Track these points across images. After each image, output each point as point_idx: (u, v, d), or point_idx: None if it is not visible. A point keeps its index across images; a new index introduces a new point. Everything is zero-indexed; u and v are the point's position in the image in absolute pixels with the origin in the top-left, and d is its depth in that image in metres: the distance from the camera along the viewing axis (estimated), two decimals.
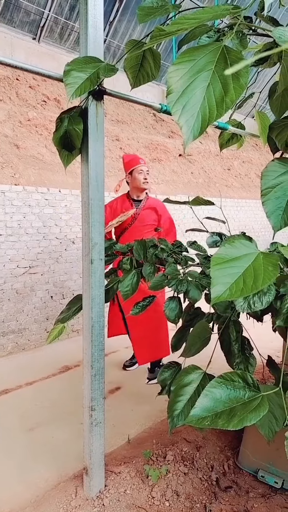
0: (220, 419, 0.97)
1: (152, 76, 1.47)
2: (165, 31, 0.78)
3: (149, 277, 1.81)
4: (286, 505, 1.77)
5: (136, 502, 1.72)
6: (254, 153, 8.51)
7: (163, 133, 6.34)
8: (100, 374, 1.65)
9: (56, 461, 2.06)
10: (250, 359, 1.54)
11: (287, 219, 0.93)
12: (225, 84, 0.70)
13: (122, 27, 5.61)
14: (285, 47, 0.45)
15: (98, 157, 1.52)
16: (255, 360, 1.54)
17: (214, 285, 0.85)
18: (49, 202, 3.81)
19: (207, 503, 1.77)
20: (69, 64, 1.26)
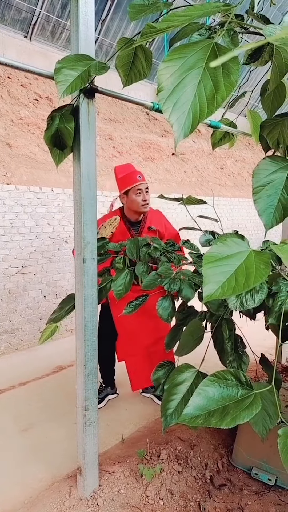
0: (213, 418, 0.97)
1: (144, 74, 1.47)
2: (156, 28, 0.78)
3: (142, 276, 1.81)
4: (279, 502, 1.77)
5: (130, 502, 1.72)
6: (247, 152, 8.54)
7: (156, 132, 6.34)
8: (93, 373, 1.65)
9: (50, 461, 2.05)
10: (243, 357, 1.54)
11: (279, 217, 0.94)
12: (216, 82, 0.70)
13: (114, 26, 5.59)
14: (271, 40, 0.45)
15: (90, 156, 1.52)
16: (248, 358, 1.55)
17: (206, 284, 0.84)
18: (42, 201, 3.79)
19: (201, 501, 1.77)
20: (60, 62, 1.25)
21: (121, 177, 2.45)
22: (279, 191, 0.95)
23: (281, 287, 1.18)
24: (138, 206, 2.40)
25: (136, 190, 2.38)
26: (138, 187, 2.38)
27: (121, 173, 2.45)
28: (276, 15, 7.06)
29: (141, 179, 2.40)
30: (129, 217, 2.50)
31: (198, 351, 1.50)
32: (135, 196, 2.38)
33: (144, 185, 2.41)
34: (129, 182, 2.40)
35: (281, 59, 0.97)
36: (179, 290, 1.71)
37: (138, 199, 2.39)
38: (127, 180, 2.41)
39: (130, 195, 2.40)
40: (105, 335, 2.55)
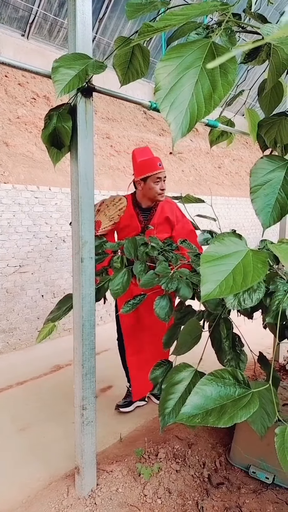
0: (210, 417, 0.97)
1: (142, 73, 1.47)
2: (153, 27, 0.77)
3: (140, 275, 1.80)
4: (277, 500, 1.78)
5: (128, 500, 1.72)
6: (244, 151, 8.55)
7: (153, 131, 6.33)
8: (91, 373, 1.64)
9: (48, 460, 2.05)
10: (241, 355, 1.54)
11: (276, 216, 0.94)
12: (213, 81, 0.70)
13: (112, 24, 5.57)
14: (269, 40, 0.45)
15: (88, 155, 1.51)
16: (246, 357, 1.55)
17: (204, 283, 0.84)
18: (39, 200, 3.79)
19: (199, 500, 1.78)
20: (57, 61, 1.25)
21: (140, 162, 2.29)
22: (276, 190, 0.95)
23: (278, 286, 1.19)
24: (155, 195, 2.30)
25: (155, 178, 2.27)
26: (158, 175, 2.27)
27: (140, 157, 2.30)
28: (273, 14, 7.07)
29: (161, 167, 2.28)
30: (140, 203, 2.39)
31: (196, 350, 1.50)
32: (154, 184, 2.27)
33: (163, 173, 2.30)
34: (149, 168, 2.26)
35: (278, 58, 0.97)
36: (176, 289, 1.71)
37: (156, 187, 2.28)
38: (147, 166, 2.27)
39: (148, 183, 2.28)
40: None
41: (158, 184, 2.28)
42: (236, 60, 0.70)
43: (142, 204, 2.38)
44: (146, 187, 2.29)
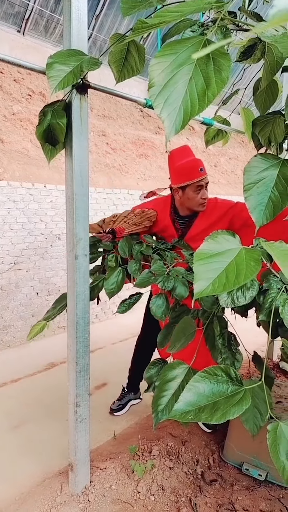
0: (203, 413, 0.97)
1: (137, 70, 1.46)
2: (148, 24, 0.77)
3: (135, 274, 1.80)
4: (269, 497, 1.79)
5: (121, 497, 1.72)
6: (240, 150, 8.56)
7: (150, 129, 6.33)
8: (85, 370, 1.64)
9: (42, 458, 2.05)
10: (237, 355, 1.55)
11: (269, 214, 0.94)
12: (207, 78, 0.70)
13: (108, 21, 5.55)
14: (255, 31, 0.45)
15: (83, 152, 1.51)
16: (241, 356, 1.56)
17: (197, 280, 0.85)
18: (34, 197, 3.77)
19: (192, 497, 1.78)
20: (52, 57, 1.24)
21: (179, 166, 1.93)
22: (269, 188, 0.95)
23: (271, 284, 1.19)
24: (196, 205, 1.96)
25: (196, 187, 1.92)
26: (199, 183, 1.91)
27: (179, 159, 1.93)
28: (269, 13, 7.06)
29: (203, 172, 1.92)
30: (178, 210, 2.07)
31: None
32: (194, 194, 1.93)
33: (206, 179, 1.94)
34: (189, 175, 1.90)
35: (273, 57, 0.98)
36: (172, 288, 1.71)
37: (197, 197, 1.93)
38: (186, 173, 1.91)
39: (187, 192, 1.93)
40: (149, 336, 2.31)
41: (199, 193, 1.93)
42: (230, 57, 0.70)
43: (180, 212, 2.07)
44: (184, 196, 1.96)
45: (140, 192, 5.13)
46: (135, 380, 2.58)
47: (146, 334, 2.44)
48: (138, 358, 2.52)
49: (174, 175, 1.98)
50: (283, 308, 1.08)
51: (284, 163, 0.98)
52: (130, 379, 2.59)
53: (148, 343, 2.42)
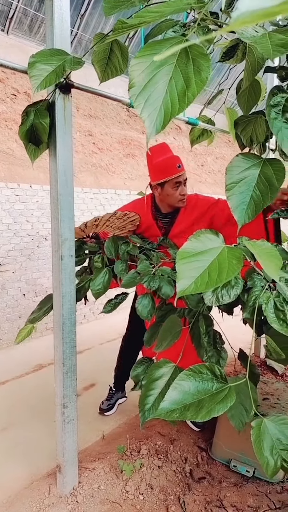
0: (188, 411, 0.98)
1: (121, 70, 1.47)
2: (128, 24, 0.78)
3: (121, 274, 1.80)
4: (257, 493, 1.81)
5: (110, 497, 1.72)
6: (227, 149, 8.62)
7: (136, 128, 6.33)
8: (72, 371, 1.64)
9: (29, 460, 2.04)
10: (222, 353, 1.56)
11: (251, 213, 0.95)
12: (187, 78, 0.70)
13: (93, 21, 5.53)
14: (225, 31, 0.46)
15: (67, 152, 1.50)
16: (226, 354, 1.57)
17: (179, 279, 0.85)
18: (20, 198, 3.74)
19: (181, 495, 1.79)
20: (34, 56, 1.23)
21: (156, 163, 1.94)
22: (251, 188, 0.96)
23: (255, 282, 1.20)
24: (175, 201, 1.98)
25: (174, 183, 1.93)
26: (178, 179, 1.93)
27: (157, 156, 1.94)
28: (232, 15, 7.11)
29: (181, 169, 1.93)
30: (160, 207, 2.08)
31: None
32: (173, 190, 1.94)
33: (184, 175, 1.96)
34: (167, 172, 1.91)
35: (253, 57, 0.99)
36: (158, 288, 1.72)
37: (176, 193, 1.95)
38: (165, 169, 1.92)
39: (166, 188, 1.95)
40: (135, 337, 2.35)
41: (177, 189, 1.95)
42: (209, 58, 0.70)
43: (162, 210, 2.08)
44: (164, 193, 1.97)
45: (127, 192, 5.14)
46: (121, 379, 2.59)
47: (132, 333, 2.46)
48: (124, 358, 2.53)
49: (152, 172, 1.99)
50: (266, 305, 1.09)
51: (265, 162, 1.00)
52: (116, 378, 2.60)
53: (134, 342, 2.43)
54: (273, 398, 2.08)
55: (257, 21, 0.18)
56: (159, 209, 2.09)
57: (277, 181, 1.02)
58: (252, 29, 0.90)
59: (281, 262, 0.90)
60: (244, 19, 0.19)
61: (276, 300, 1.12)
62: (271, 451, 0.96)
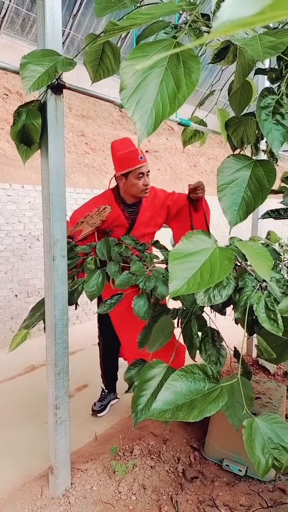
0: (180, 412, 0.99)
1: (112, 70, 1.46)
2: (119, 26, 0.78)
3: (114, 275, 1.80)
4: (249, 492, 1.82)
5: (102, 498, 1.72)
6: (219, 150, 8.66)
7: (129, 129, 6.33)
8: (64, 372, 1.64)
9: (22, 462, 2.03)
10: (221, 350, 1.57)
11: (242, 214, 0.96)
12: (178, 80, 0.71)
13: (86, 21, 5.53)
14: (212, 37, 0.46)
15: (59, 152, 1.50)
16: (225, 351, 1.58)
17: (172, 280, 0.86)
18: (12, 198, 3.72)
19: (174, 495, 1.80)
20: (26, 57, 1.23)
21: (120, 155, 2.04)
22: (242, 189, 0.97)
23: (247, 282, 1.21)
24: (139, 191, 2.07)
25: (137, 174, 2.02)
26: (140, 170, 2.02)
27: (120, 149, 2.05)
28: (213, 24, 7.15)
29: (143, 160, 2.02)
30: (124, 199, 2.17)
31: None
32: (136, 180, 2.03)
33: (146, 167, 2.05)
34: (130, 163, 2.01)
35: (244, 59, 0.99)
36: (153, 288, 1.72)
37: (139, 183, 2.04)
38: (128, 160, 2.02)
39: (129, 179, 2.04)
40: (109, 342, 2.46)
41: (140, 179, 2.04)
42: (199, 61, 0.71)
43: (126, 200, 2.18)
44: (128, 183, 2.07)
45: None
46: (110, 382, 2.61)
47: (104, 338, 2.47)
48: (105, 362, 2.55)
49: (117, 163, 2.09)
50: (257, 305, 1.10)
51: (256, 163, 1.00)
52: (105, 382, 2.61)
53: (109, 346, 2.47)
54: (265, 397, 2.09)
55: (236, 30, 0.19)
56: (124, 201, 2.19)
57: (268, 183, 1.03)
58: (243, 31, 0.91)
59: (272, 262, 0.91)
60: (224, 29, 0.20)
61: (267, 300, 1.13)
62: (262, 450, 0.97)
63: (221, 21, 0.18)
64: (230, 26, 0.18)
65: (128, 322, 2.29)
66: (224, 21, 0.18)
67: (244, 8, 0.19)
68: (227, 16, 0.18)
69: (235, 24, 0.18)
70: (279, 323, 1.12)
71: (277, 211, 1.56)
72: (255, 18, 0.17)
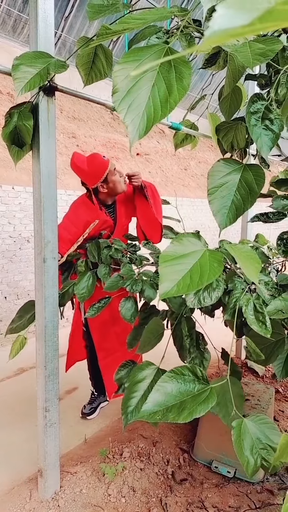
0: (170, 413, 0.99)
1: (105, 74, 1.47)
2: (111, 30, 0.79)
3: (104, 278, 1.81)
4: (238, 493, 1.84)
5: (92, 501, 1.72)
6: (210, 154, 8.72)
7: (120, 131, 6.34)
8: (54, 374, 1.63)
9: (10, 465, 2.01)
10: (205, 354, 1.58)
11: (232, 217, 0.97)
12: (169, 85, 0.72)
13: (78, 23, 5.53)
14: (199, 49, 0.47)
15: (50, 154, 1.50)
16: (209, 355, 1.59)
17: (162, 282, 0.86)
18: (2, 199, 3.70)
19: (163, 497, 1.80)
20: (18, 58, 1.23)
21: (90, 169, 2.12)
22: (232, 192, 0.99)
23: (236, 285, 1.23)
24: (122, 184, 2.19)
25: (113, 172, 2.14)
26: (112, 167, 2.14)
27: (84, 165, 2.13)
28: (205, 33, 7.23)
29: (107, 158, 2.14)
30: (105, 201, 2.27)
31: (162, 348, 1.52)
32: (115, 177, 2.15)
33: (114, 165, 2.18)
34: (101, 168, 2.11)
35: (234, 65, 1.01)
36: (141, 291, 1.73)
37: (121, 179, 2.17)
38: (99, 167, 2.11)
39: (110, 180, 2.14)
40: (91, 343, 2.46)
41: (117, 173, 2.17)
42: (190, 66, 0.72)
43: (107, 202, 2.29)
44: (110, 184, 2.16)
45: None
46: (99, 384, 2.59)
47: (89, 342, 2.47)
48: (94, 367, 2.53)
49: (91, 177, 2.14)
50: (246, 307, 1.11)
51: (246, 168, 1.02)
52: (94, 384, 2.60)
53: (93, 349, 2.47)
54: (254, 399, 2.11)
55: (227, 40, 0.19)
56: (105, 203, 2.29)
57: (257, 186, 1.04)
58: None
59: (261, 265, 0.93)
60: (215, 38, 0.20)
61: (255, 302, 1.15)
62: (251, 451, 0.98)
63: (212, 30, 0.19)
64: (221, 35, 0.19)
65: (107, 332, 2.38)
66: (215, 30, 0.19)
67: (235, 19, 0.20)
68: (218, 26, 0.19)
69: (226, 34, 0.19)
70: (268, 325, 1.14)
71: (266, 214, 1.59)
72: (244, 29, 0.18)
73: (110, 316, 2.35)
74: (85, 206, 2.23)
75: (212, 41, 0.19)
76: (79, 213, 2.21)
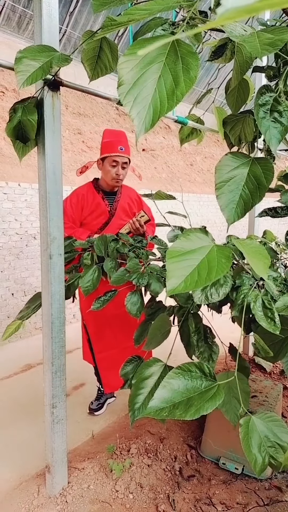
0: (177, 410, 0.98)
1: (110, 68, 1.45)
2: (116, 22, 0.77)
3: (111, 272, 1.80)
4: (246, 490, 1.83)
5: (99, 497, 1.72)
6: (216, 149, 8.66)
7: (126, 127, 6.31)
8: (61, 371, 1.63)
9: (18, 461, 2.02)
10: (213, 347, 1.57)
11: (240, 212, 0.96)
12: (176, 77, 0.70)
13: (82, 18, 5.50)
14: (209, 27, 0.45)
15: (55, 150, 1.49)
16: (218, 348, 1.58)
17: (169, 278, 0.85)
18: (8, 196, 3.70)
19: (171, 493, 1.80)
20: (21, 52, 1.22)
21: (104, 142, 2.23)
22: (240, 186, 0.97)
23: (244, 281, 1.21)
24: (110, 179, 2.24)
25: (112, 161, 2.19)
26: (115, 158, 2.19)
27: (107, 137, 2.24)
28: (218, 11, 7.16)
29: (122, 151, 2.19)
30: (103, 187, 2.33)
31: (168, 345, 1.51)
32: (109, 167, 2.20)
33: (123, 158, 2.20)
34: (109, 149, 2.19)
35: (242, 57, 0.99)
36: (147, 285, 1.72)
37: (112, 171, 2.21)
38: (108, 147, 2.20)
39: (105, 164, 2.22)
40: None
41: (114, 168, 2.20)
42: (198, 57, 0.70)
43: (105, 188, 2.33)
44: (103, 168, 2.24)
45: None
46: None
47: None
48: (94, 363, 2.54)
49: (101, 148, 2.27)
50: (254, 304, 1.10)
51: (254, 161, 1.00)
52: (98, 380, 2.59)
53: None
54: (262, 395, 2.10)
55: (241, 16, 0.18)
56: (103, 188, 2.34)
57: (266, 180, 1.02)
58: (241, 28, 0.90)
59: (269, 260, 0.91)
60: (228, 15, 0.19)
61: (264, 298, 1.13)
62: (259, 448, 0.97)
63: (225, 7, 0.18)
64: (234, 13, 0.18)
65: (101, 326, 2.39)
66: (228, 7, 0.18)
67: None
68: (232, 3, 0.18)
69: (239, 11, 0.18)
70: (276, 321, 1.12)
71: (274, 209, 1.56)
72: (259, 4, 0.17)
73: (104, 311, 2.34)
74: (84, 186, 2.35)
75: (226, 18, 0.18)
76: (77, 191, 2.32)
